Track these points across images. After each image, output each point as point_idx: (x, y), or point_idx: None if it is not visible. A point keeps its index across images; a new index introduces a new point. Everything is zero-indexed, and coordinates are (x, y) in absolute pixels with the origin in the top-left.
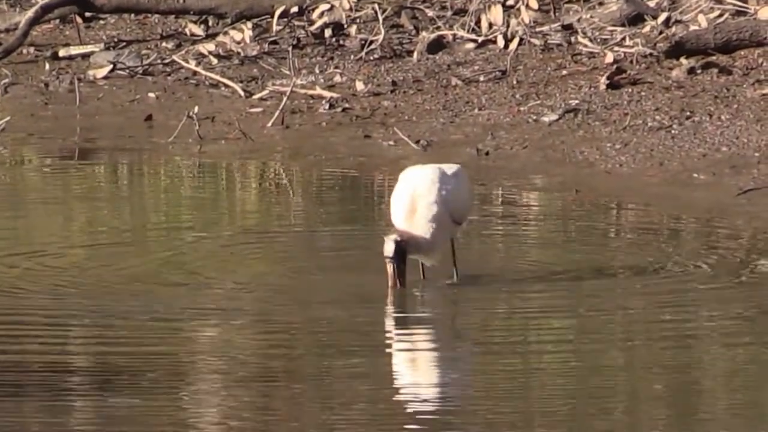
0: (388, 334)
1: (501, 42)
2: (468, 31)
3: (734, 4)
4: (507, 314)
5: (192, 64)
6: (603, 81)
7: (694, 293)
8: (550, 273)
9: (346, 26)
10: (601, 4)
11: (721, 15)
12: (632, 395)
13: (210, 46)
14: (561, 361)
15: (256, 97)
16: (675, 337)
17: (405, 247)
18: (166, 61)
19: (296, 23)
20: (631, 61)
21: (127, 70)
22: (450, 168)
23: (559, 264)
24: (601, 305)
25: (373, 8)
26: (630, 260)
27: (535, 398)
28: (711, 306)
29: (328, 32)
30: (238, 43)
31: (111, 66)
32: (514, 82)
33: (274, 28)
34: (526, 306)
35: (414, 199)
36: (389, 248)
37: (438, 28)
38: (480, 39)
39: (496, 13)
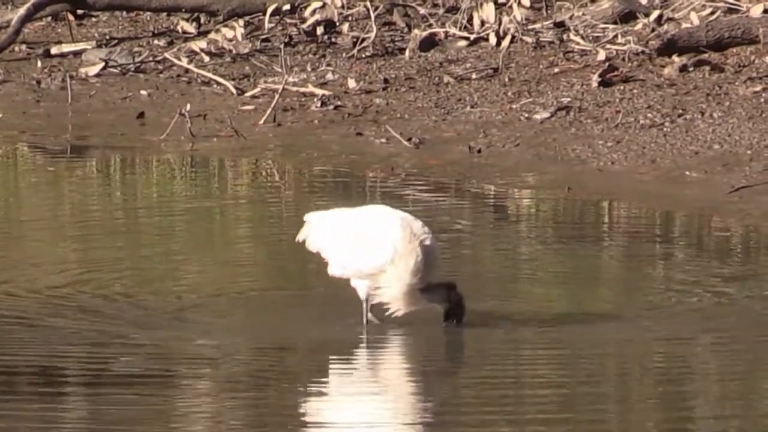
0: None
1: (493, 39)
2: (460, 29)
3: (726, 2)
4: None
5: (184, 62)
6: (595, 79)
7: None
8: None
9: (338, 24)
10: (593, 1)
11: (713, 13)
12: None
13: (202, 44)
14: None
15: (248, 94)
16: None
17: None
18: (158, 58)
19: (288, 21)
20: (623, 59)
21: (119, 68)
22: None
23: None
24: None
25: (365, 6)
26: (625, 269)
27: None
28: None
29: (320, 30)
30: (230, 40)
31: (103, 63)
32: (506, 80)
33: (266, 25)
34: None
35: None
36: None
37: (430, 25)
38: (472, 36)
39: (488, 11)
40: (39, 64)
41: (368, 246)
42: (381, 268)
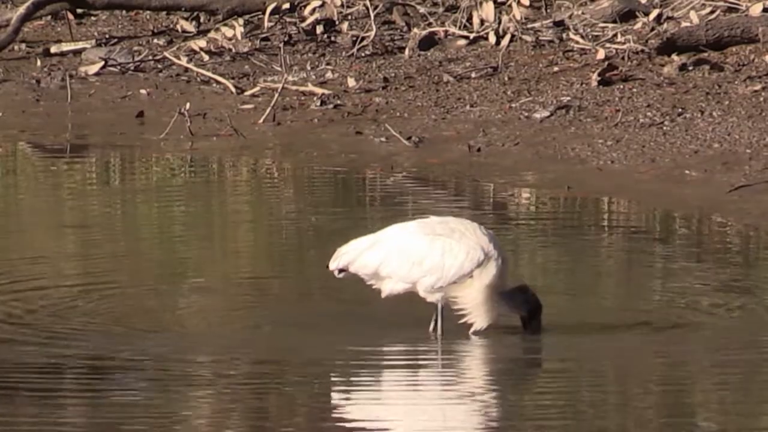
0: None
1: (492, 38)
2: (459, 28)
3: (726, 1)
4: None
5: (183, 61)
6: (594, 77)
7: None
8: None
9: (337, 23)
10: (592, 0)
11: (712, 12)
12: None
13: (201, 43)
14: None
15: (247, 93)
16: None
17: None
18: (158, 57)
19: (288, 20)
20: (623, 58)
21: (119, 67)
22: None
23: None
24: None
25: (364, 5)
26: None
27: None
28: None
29: (319, 29)
30: (230, 39)
31: (102, 62)
32: (506, 79)
33: (266, 24)
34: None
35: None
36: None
37: (429, 24)
38: (471, 35)
39: (488, 10)
40: (38, 63)
41: (454, 253)
42: (471, 273)
